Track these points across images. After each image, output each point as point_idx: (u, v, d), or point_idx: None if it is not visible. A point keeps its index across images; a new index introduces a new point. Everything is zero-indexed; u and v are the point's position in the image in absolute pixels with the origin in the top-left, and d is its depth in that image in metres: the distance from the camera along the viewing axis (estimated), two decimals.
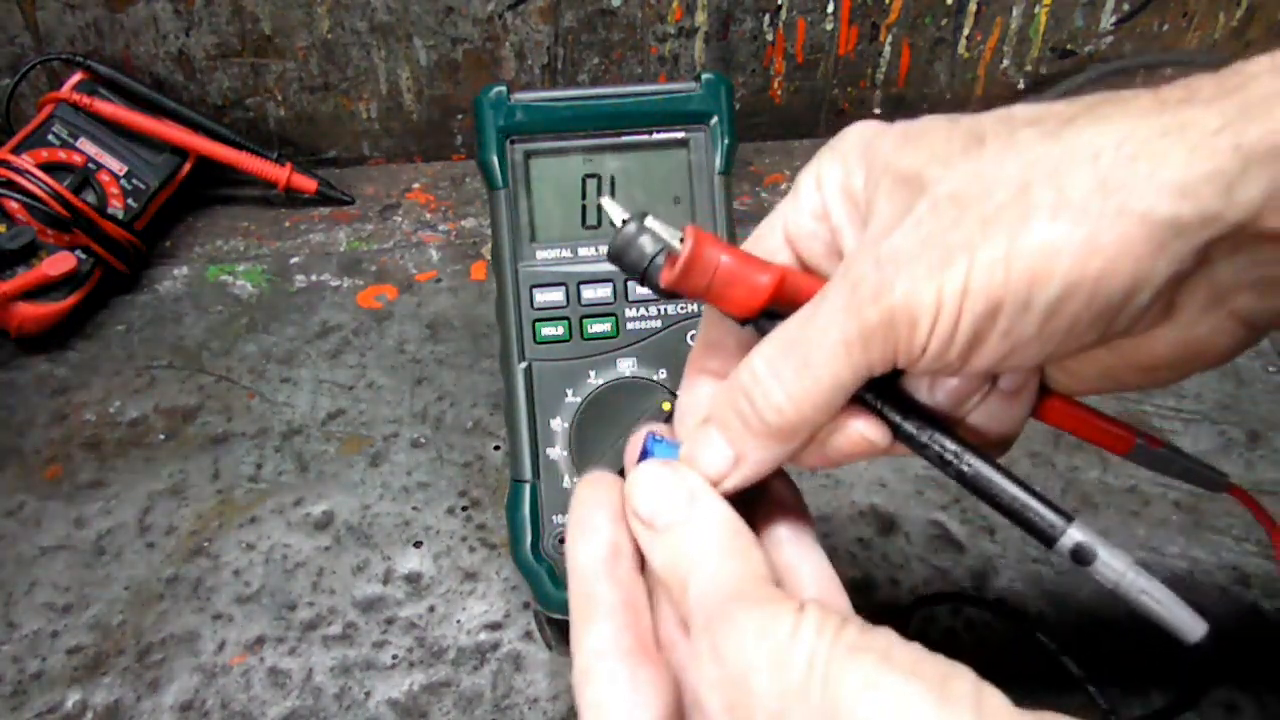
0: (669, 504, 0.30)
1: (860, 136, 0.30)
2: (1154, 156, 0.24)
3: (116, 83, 0.67)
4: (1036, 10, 0.74)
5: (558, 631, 0.47)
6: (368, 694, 0.45)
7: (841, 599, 0.31)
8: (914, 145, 0.28)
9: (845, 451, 0.31)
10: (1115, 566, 0.29)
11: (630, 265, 0.31)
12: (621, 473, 0.32)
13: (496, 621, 0.47)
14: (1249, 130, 0.24)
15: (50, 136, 0.63)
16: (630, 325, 0.45)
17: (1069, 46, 0.76)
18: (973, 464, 0.30)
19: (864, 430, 0.30)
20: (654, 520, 0.30)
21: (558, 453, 0.44)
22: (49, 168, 0.61)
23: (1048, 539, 0.29)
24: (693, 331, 0.44)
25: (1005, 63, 0.77)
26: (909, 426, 0.30)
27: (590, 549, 0.30)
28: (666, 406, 0.43)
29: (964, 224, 0.26)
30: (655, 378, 0.44)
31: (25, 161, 0.60)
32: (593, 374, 0.44)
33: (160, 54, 0.69)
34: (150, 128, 0.66)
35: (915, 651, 0.25)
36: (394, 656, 0.46)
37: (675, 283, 0.30)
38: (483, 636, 0.47)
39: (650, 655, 0.29)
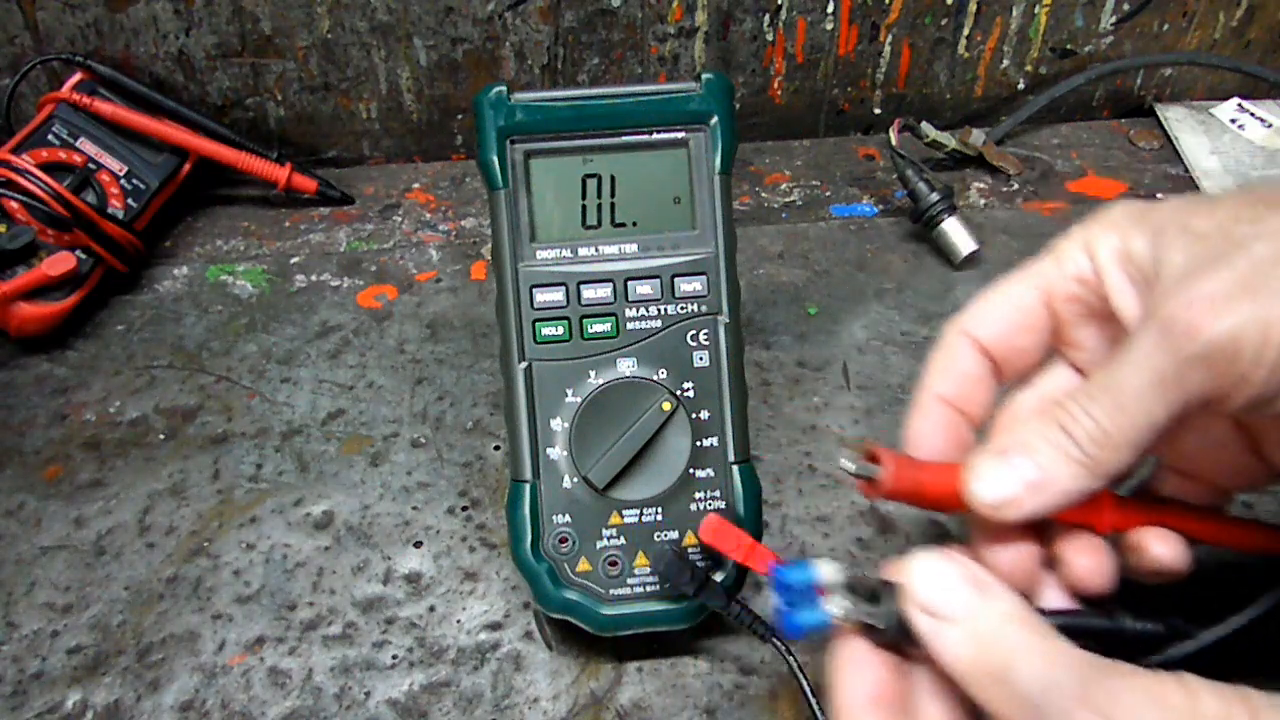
0: (957, 594, 0.30)
1: (1132, 208, 0.34)
2: None
3: (116, 83, 0.67)
4: (1036, 10, 0.74)
5: (558, 631, 0.47)
6: (368, 694, 0.45)
7: None
8: (1208, 210, 0.31)
9: (1144, 570, 0.36)
10: None
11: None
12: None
13: (496, 621, 0.47)
14: None
15: (50, 136, 0.63)
16: (630, 325, 0.44)
17: (1069, 46, 0.76)
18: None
19: (1160, 551, 0.35)
20: (943, 610, 0.30)
21: (558, 453, 0.44)
22: (49, 168, 0.61)
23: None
24: (693, 331, 0.45)
25: (1005, 63, 0.77)
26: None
27: (859, 685, 0.32)
28: (667, 407, 0.43)
29: None
30: (655, 378, 0.44)
31: (25, 161, 0.60)
32: (593, 374, 0.44)
33: (160, 54, 0.69)
34: (150, 128, 0.66)
35: None
36: (394, 656, 0.46)
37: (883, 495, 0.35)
38: (483, 636, 0.47)
39: None
